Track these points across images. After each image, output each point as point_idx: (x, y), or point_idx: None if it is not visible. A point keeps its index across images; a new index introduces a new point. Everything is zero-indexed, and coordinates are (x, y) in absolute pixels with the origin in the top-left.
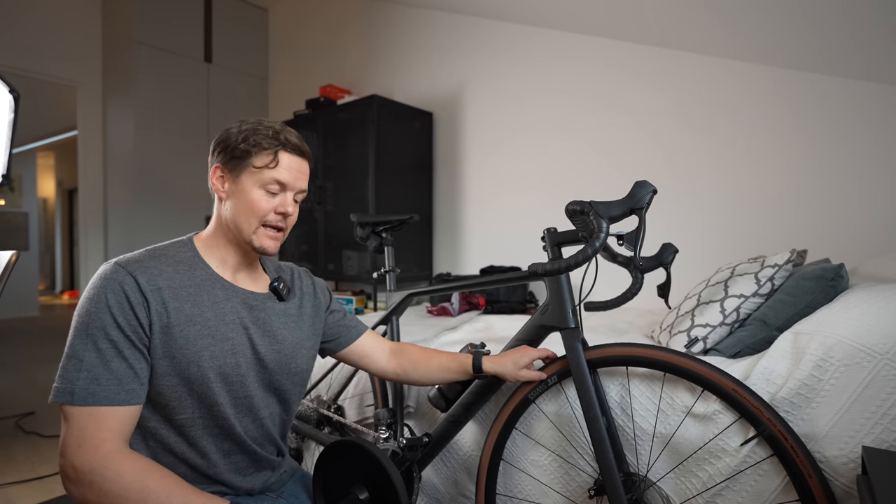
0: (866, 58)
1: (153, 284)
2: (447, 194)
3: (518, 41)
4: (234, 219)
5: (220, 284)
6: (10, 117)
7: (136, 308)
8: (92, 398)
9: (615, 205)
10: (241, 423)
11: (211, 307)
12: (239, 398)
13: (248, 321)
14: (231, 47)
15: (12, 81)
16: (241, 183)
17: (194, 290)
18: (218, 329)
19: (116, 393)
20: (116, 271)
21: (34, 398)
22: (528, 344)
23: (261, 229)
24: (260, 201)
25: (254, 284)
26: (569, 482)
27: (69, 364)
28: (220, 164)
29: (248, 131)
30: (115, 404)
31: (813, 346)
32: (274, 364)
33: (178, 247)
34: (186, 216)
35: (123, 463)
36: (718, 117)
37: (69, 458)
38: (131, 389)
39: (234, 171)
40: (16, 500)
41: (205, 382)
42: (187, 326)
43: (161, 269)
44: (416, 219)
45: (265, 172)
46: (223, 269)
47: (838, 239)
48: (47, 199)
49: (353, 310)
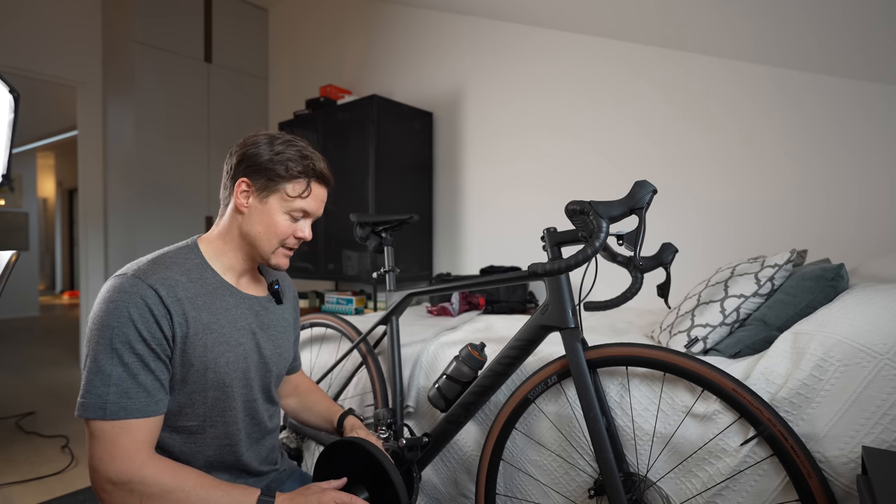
0: (866, 58)
1: (174, 296)
2: (447, 194)
3: (518, 41)
4: (254, 236)
5: (229, 291)
6: (10, 117)
7: (161, 321)
8: (124, 412)
9: (615, 205)
10: (246, 426)
11: (224, 314)
12: (248, 402)
13: (256, 326)
14: (231, 47)
15: (12, 81)
16: (268, 204)
17: (209, 299)
18: (231, 335)
19: (146, 405)
20: (136, 284)
21: (34, 398)
22: (528, 344)
23: (280, 249)
24: (283, 225)
25: (256, 288)
26: (569, 482)
27: (96, 379)
28: (247, 178)
29: (280, 152)
30: (145, 416)
31: (813, 346)
32: (275, 365)
33: (184, 253)
34: (186, 216)
35: (159, 467)
36: (718, 117)
37: (104, 472)
38: (159, 400)
39: (262, 192)
40: (16, 500)
41: (220, 387)
42: (205, 334)
43: (177, 280)
44: (415, 219)
45: (296, 202)
46: (229, 274)
47: (838, 239)
48: (47, 199)
49: (353, 310)
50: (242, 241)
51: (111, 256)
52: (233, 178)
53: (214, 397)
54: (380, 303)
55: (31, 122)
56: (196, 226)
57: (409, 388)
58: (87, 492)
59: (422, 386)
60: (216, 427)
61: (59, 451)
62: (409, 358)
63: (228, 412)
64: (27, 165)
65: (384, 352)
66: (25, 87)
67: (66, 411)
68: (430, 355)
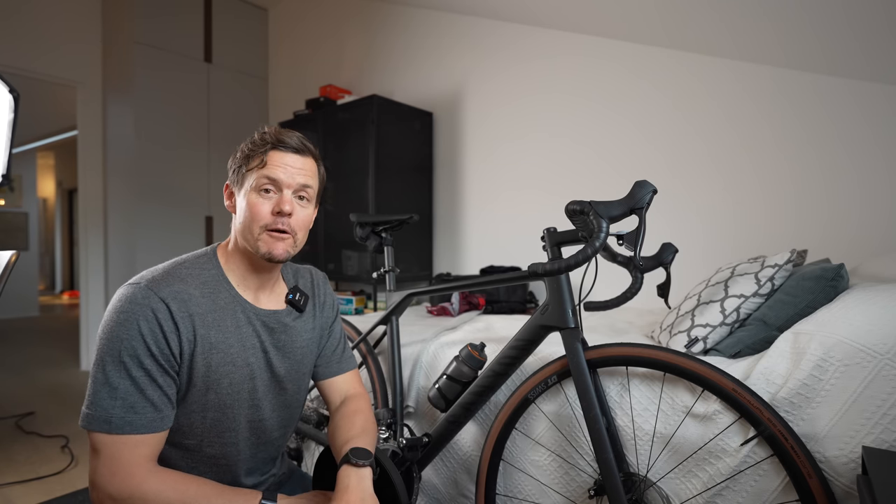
0: (867, 58)
1: (184, 311)
2: (447, 194)
3: (518, 41)
4: (241, 230)
5: (241, 307)
6: (10, 117)
7: (169, 336)
8: (129, 427)
9: (615, 205)
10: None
11: (234, 332)
12: (254, 421)
13: (269, 344)
14: (231, 47)
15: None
16: (241, 193)
17: (219, 315)
18: (239, 356)
19: (152, 421)
20: (148, 297)
21: (34, 398)
22: (528, 344)
23: (264, 234)
24: (257, 205)
25: (275, 301)
26: (569, 482)
27: (102, 391)
28: (228, 182)
29: (246, 142)
30: (151, 432)
31: (813, 346)
32: (291, 382)
33: (202, 262)
34: (186, 216)
35: (160, 480)
36: (718, 117)
37: (104, 488)
38: (166, 416)
39: (237, 185)
40: (16, 500)
41: (220, 409)
42: (210, 354)
43: (190, 294)
44: (415, 219)
45: (256, 173)
46: (244, 289)
47: (838, 239)
48: (47, 199)
49: (353, 310)
50: (239, 241)
51: (111, 256)
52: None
53: (214, 418)
54: (380, 303)
55: (30, 122)
56: (196, 226)
57: (409, 388)
58: (86, 492)
59: (422, 386)
60: (213, 447)
61: (59, 451)
62: (409, 358)
63: (228, 433)
64: (27, 165)
65: (384, 352)
66: (25, 87)
67: (66, 411)
68: (430, 355)
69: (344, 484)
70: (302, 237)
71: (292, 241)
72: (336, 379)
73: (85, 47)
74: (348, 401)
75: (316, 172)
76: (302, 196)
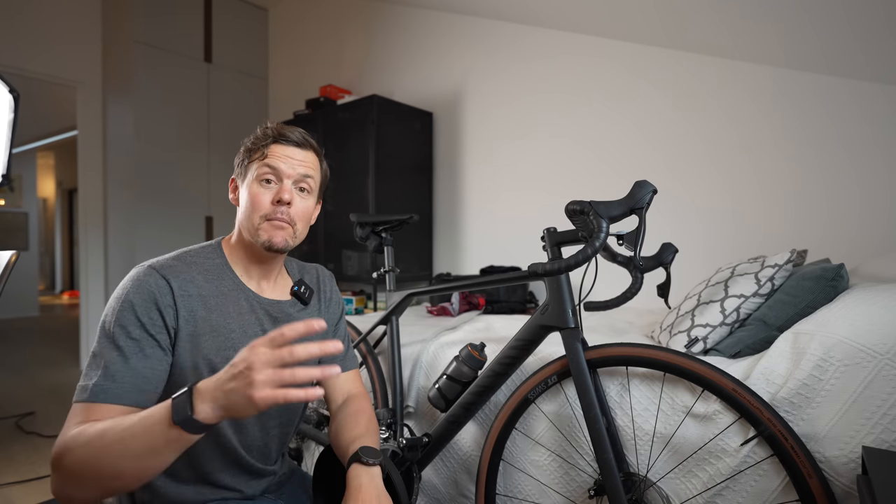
0: (867, 58)
1: (185, 291)
2: (447, 194)
3: (518, 41)
4: (243, 220)
5: (245, 295)
6: (10, 117)
7: (164, 310)
8: (103, 394)
9: (615, 205)
10: (247, 435)
11: (236, 318)
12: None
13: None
14: (231, 47)
15: (12, 81)
16: (244, 184)
17: (222, 300)
18: (240, 341)
19: (129, 391)
20: (149, 274)
21: (34, 398)
22: (528, 344)
23: (264, 223)
24: (257, 195)
25: (279, 292)
26: (569, 482)
27: (91, 362)
28: (233, 177)
29: (249, 137)
30: (124, 404)
31: (813, 346)
32: None
33: (207, 252)
34: (187, 216)
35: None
36: (718, 117)
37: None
38: (145, 391)
39: (240, 178)
40: (15, 500)
41: None
42: (211, 337)
43: (193, 277)
44: (415, 219)
45: (257, 164)
46: (248, 278)
47: (838, 239)
48: (47, 199)
49: (353, 310)
50: (241, 232)
51: (111, 256)
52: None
53: None
54: (380, 303)
55: (30, 122)
56: (196, 226)
57: (409, 388)
58: None
59: (422, 386)
60: (208, 438)
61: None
62: (409, 358)
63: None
64: (27, 165)
65: (384, 352)
66: (25, 87)
67: (66, 411)
68: (430, 355)
69: (357, 483)
70: (302, 228)
71: (291, 231)
72: (339, 378)
73: (85, 47)
74: (351, 400)
75: (318, 166)
76: (303, 188)
